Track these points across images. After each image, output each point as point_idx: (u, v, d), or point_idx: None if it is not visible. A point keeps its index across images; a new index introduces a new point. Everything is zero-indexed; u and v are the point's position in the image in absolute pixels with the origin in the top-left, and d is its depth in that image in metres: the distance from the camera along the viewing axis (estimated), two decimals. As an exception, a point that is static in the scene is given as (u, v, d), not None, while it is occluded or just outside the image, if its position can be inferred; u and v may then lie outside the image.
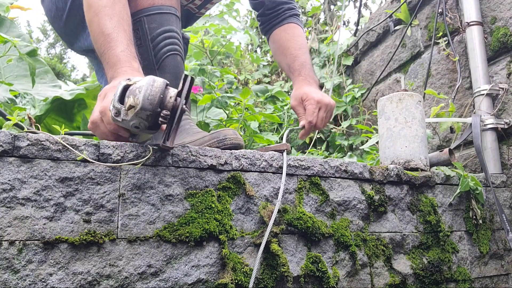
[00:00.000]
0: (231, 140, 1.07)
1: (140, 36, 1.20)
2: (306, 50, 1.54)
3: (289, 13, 1.59)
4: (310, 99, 1.36)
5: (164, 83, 0.82)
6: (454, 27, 1.72)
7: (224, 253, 0.89)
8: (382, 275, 1.09)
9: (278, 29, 1.57)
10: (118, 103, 0.84)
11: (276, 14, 1.59)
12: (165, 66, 1.19)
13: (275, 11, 1.58)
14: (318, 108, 1.36)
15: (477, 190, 1.29)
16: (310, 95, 1.37)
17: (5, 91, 1.53)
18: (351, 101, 2.39)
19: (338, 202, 1.08)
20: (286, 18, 1.58)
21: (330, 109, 1.39)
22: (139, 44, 1.20)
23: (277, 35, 1.57)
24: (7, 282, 0.72)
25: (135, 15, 1.21)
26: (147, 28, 1.19)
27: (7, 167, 0.76)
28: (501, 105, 1.50)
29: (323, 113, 1.37)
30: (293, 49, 1.51)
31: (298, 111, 1.42)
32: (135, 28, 1.20)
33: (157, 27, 1.20)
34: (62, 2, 1.44)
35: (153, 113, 0.81)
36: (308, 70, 1.46)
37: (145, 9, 1.20)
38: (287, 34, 1.55)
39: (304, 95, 1.38)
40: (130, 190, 0.85)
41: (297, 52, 1.50)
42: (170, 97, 0.82)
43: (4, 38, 1.30)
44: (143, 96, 0.80)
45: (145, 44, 1.20)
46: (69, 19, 1.44)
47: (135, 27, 1.20)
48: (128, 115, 0.83)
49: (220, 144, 1.06)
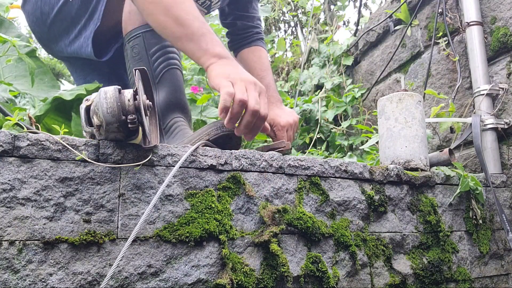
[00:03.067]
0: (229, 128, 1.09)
1: (139, 51, 1.24)
2: (270, 72, 1.72)
3: (256, 37, 1.78)
4: (276, 125, 1.50)
5: (115, 90, 0.79)
6: (454, 27, 1.72)
7: (224, 253, 0.89)
8: (382, 275, 1.09)
9: (246, 50, 1.76)
10: (88, 127, 0.83)
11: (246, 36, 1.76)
12: (164, 80, 1.23)
13: (246, 33, 1.76)
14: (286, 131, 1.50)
15: (477, 190, 1.29)
16: (276, 120, 1.50)
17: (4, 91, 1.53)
18: (351, 101, 2.39)
19: (338, 202, 1.07)
20: (254, 41, 1.76)
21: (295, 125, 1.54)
22: (139, 59, 1.24)
23: (245, 55, 1.75)
24: (7, 282, 0.72)
25: (134, 31, 1.26)
26: (145, 44, 1.24)
27: (7, 167, 0.76)
28: (501, 105, 1.50)
29: (290, 132, 1.52)
30: (259, 70, 1.68)
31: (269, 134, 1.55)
32: (134, 44, 1.25)
33: (156, 43, 1.23)
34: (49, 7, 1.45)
35: (120, 123, 0.79)
36: (272, 91, 1.61)
37: (144, 25, 1.24)
38: (254, 56, 1.74)
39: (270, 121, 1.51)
40: (130, 190, 0.85)
41: (262, 74, 1.66)
42: (128, 100, 0.80)
43: (3, 38, 1.30)
44: (102, 111, 0.78)
45: (144, 59, 1.24)
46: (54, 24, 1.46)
47: (134, 43, 1.25)
48: (102, 134, 0.82)
49: (218, 130, 1.08)
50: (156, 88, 1.24)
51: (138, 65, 1.23)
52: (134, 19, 1.25)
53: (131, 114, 0.79)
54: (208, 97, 1.94)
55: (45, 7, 1.46)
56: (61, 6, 1.41)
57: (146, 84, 0.88)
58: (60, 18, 1.43)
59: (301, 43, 3.74)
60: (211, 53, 1.08)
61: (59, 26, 1.45)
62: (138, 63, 1.24)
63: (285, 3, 3.86)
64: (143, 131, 0.83)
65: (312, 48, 3.04)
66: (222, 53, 1.09)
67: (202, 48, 1.09)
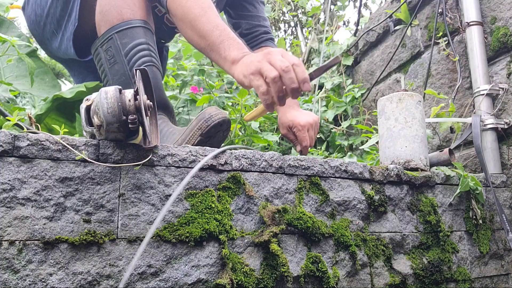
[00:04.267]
0: (217, 116, 1.10)
1: (113, 53, 1.22)
2: None
3: (265, 37, 1.70)
4: (296, 125, 1.47)
5: (116, 90, 0.79)
6: (454, 27, 1.72)
7: (224, 253, 0.89)
8: (382, 275, 1.09)
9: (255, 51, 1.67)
10: (88, 127, 0.83)
11: (253, 36, 1.69)
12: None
13: (252, 32, 1.68)
14: (307, 131, 1.47)
15: (477, 190, 1.29)
16: (296, 121, 1.47)
17: (5, 91, 1.53)
18: (351, 101, 2.39)
19: (338, 202, 1.08)
20: (263, 42, 1.68)
21: (316, 125, 1.51)
22: (114, 62, 1.22)
23: None
24: (7, 282, 0.72)
25: (106, 33, 1.23)
26: (119, 44, 1.21)
27: (7, 167, 0.76)
28: (501, 105, 1.50)
29: (312, 132, 1.49)
30: None
31: (289, 138, 1.54)
32: (108, 47, 1.22)
33: (128, 42, 1.21)
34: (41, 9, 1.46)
35: (121, 123, 0.79)
36: None
37: (115, 26, 1.22)
38: None
39: (290, 123, 1.49)
40: (130, 190, 0.85)
41: None
42: (129, 100, 0.80)
43: (3, 38, 1.30)
44: (103, 111, 0.78)
45: (119, 60, 1.21)
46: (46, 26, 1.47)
47: (107, 46, 1.22)
48: (102, 134, 0.82)
49: (208, 122, 1.08)
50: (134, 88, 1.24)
51: (113, 68, 1.22)
52: (105, 19, 1.23)
53: (132, 114, 0.80)
54: (208, 97, 1.94)
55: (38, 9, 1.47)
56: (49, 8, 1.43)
57: (146, 84, 0.88)
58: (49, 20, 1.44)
59: (301, 43, 3.74)
60: (229, 60, 1.11)
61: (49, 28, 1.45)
62: (112, 66, 1.22)
63: (285, 3, 3.86)
64: (144, 131, 0.83)
65: (312, 48, 3.04)
66: (237, 56, 1.11)
67: (222, 56, 1.13)
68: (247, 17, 1.70)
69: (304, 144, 1.49)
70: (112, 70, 1.22)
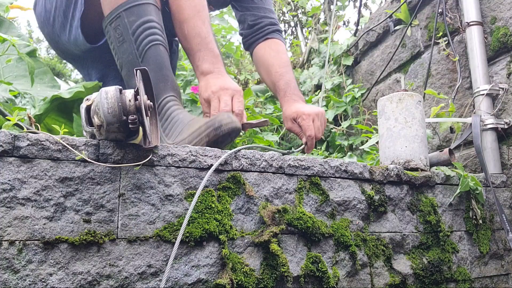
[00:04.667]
0: (227, 125, 1.05)
1: (121, 31, 1.20)
2: (290, 68, 1.58)
3: (272, 28, 1.64)
4: (301, 115, 1.42)
5: (116, 90, 0.79)
6: (454, 27, 1.72)
7: (224, 253, 0.89)
8: (382, 275, 1.09)
9: (262, 44, 1.63)
10: (88, 127, 0.83)
11: (258, 28, 1.64)
12: (148, 58, 1.19)
13: (257, 24, 1.64)
14: (312, 120, 1.41)
15: (477, 190, 1.29)
16: (300, 111, 1.42)
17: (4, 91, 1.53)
18: (351, 101, 2.39)
19: (338, 202, 1.07)
20: (270, 33, 1.63)
21: (322, 116, 1.45)
22: (123, 40, 1.20)
23: (261, 50, 1.63)
24: (7, 282, 0.72)
25: (114, 11, 1.22)
26: (127, 22, 1.20)
27: (7, 167, 0.76)
28: (501, 105, 1.50)
29: (318, 123, 1.43)
30: (278, 67, 1.55)
31: (294, 130, 1.48)
32: (117, 25, 1.21)
33: (136, 20, 1.20)
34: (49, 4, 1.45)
35: (121, 123, 0.79)
36: (293, 89, 1.52)
37: (123, 4, 1.21)
38: (271, 50, 1.61)
39: (294, 114, 1.44)
40: (130, 190, 0.85)
41: (281, 70, 1.55)
42: (129, 100, 0.80)
43: (3, 38, 1.30)
44: (103, 111, 0.78)
45: (127, 38, 1.20)
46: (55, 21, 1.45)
47: (116, 24, 1.21)
48: (102, 134, 0.82)
49: (217, 131, 1.05)
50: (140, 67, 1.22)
51: (122, 46, 1.21)
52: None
53: (132, 114, 0.80)
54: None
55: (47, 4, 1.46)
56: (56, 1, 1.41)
57: (147, 84, 0.88)
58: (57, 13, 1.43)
59: (301, 43, 3.74)
60: (199, 70, 1.21)
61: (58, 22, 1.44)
62: (121, 45, 1.21)
63: (285, 3, 3.86)
64: (144, 131, 0.83)
65: (312, 48, 3.04)
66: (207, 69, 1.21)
67: (195, 64, 1.22)
68: (252, 9, 1.66)
69: (309, 133, 1.40)
70: (121, 49, 1.21)
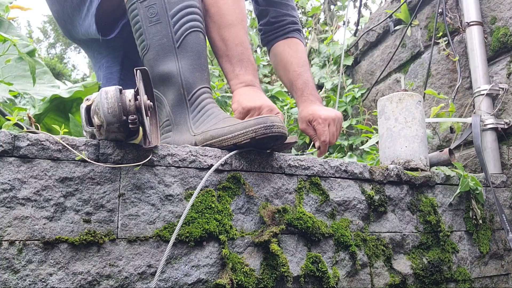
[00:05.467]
0: (279, 129, 0.97)
1: (157, 11, 1.13)
2: (308, 68, 1.55)
3: (293, 27, 1.60)
4: (316, 118, 1.37)
5: (116, 90, 0.79)
6: (454, 27, 1.72)
7: (224, 253, 0.89)
8: (382, 275, 1.09)
9: (281, 42, 1.59)
10: (88, 127, 0.83)
11: (280, 25, 1.59)
12: (187, 45, 1.13)
13: (280, 21, 1.59)
14: (327, 125, 1.37)
15: (477, 190, 1.29)
16: (316, 114, 1.38)
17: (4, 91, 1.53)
18: (351, 101, 2.39)
19: (338, 202, 1.07)
20: (290, 32, 1.59)
21: (338, 121, 1.40)
22: (156, 21, 1.13)
23: (280, 48, 1.58)
24: (7, 282, 0.72)
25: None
26: (166, 2, 1.13)
27: (7, 167, 0.76)
28: (501, 105, 1.50)
29: (333, 128, 1.38)
30: (296, 66, 1.52)
31: (308, 133, 1.44)
32: (151, 4, 1.13)
33: (177, 2, 1.13)
34: None
35: (121, 123, 0.79)
36: (310, 89, 1.48)
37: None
38: (290, 49, 1.57)
39: (310, 117, 1.40)
40: (130, 190, 0.85)
41: (300, 70, 1.51)
42: (129, 100, 0.80)
43: (3, 37, 1.30)
44: (103, 112, 0.78)
45: (164, 20, 1.12)
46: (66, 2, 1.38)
47: (150, 1, 1.13)
48: (102, 134, 0.82)
49: (267, 130, 0.95)
50: (177, 53, 1.12)
51: (153, 27, 1.13)
52: None
53: (132, 114, 0.79)
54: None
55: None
56: None
57: (147, 84, 0.88)
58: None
59: (301, 43, 3.73)
60: (240, 80, 1.19)
61: (71, 4, 1.37)
62: (154, 25, 1.13)
63: (285, 3, 3.85)
64: (144, 131, 0.83)
65: (312, 48, 3.04)
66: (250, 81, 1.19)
67: (235, 72, 1.19)
68: (275, 4, 1.59)
69: (323, 139, 1.36)
70: (151, 29, 1.13)
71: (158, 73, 1.12)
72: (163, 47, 1.12)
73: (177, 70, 1.11)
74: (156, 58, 1.13)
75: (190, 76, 1.12)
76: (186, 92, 1.11)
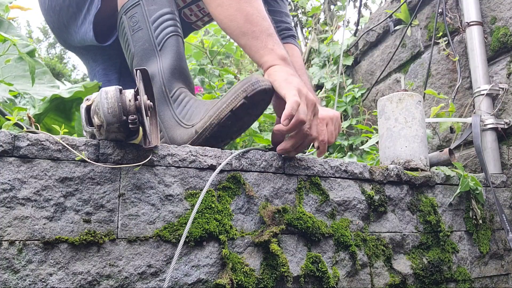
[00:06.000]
0: (264, 82, 1.01)
1: (138, 19, 1.19)
2: (305, 71, 1.57)
3: (287, 33, 1.63)
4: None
5: (116, 90, 0.79)
6: (454, 27, 1.72)
7: (224, 253, 0.89)
8: (382, 275, 1.09)
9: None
10: (88, 127, 0.83)
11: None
12: (168, 47, 1.19)
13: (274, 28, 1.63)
14: (325, 124, 1.36)
15: (477, 190, 1.29)
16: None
17: (4, 91, 1.53)
18: (351, 101, 2.40)
19: (338, 202, 1.07)
20: (285, 38, 1.62)
21: (337, 120, 1.40)
22: (138, 28, 1.20)
23: None
24: (7, 282, 0.72)
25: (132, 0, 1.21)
26: (146, 10, 1.19)
27: (7, 167, 0.76)
28: (501, 105, 1.50)
29: (332, 127, 1.38)
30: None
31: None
32: (133, 14, 1.20)
33: (156, 9, 1.19)
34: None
35: (121, 123, 0.79)
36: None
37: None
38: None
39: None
40: (130, 190, 0.85)
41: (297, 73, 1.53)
42: (129, 100, 0.80)
43: (4, 37, 1.30)
44: (103, 112, 0.78)
45: (144, 26, 1.19)
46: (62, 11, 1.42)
47: (132, 12, 1.20)
48: (102, 134, 0.82)
49: (255, 86, 1.00)
50: (159, 55, 1.19)
51: (136, 34, 1.20)
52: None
53: (132, 114, 0.79)
54: (210, 97, 1.94)
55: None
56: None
57: (147, 84, 0.88)
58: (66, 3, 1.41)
59: (301, 43, 3.74)
60: (277, 54, 1.09)
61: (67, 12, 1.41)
62: (136, 33, 1.20)
63: (285, 3, 3.85)
64: (144, 131, 0.83)
65: (312, 48, 3.04)
66: (287, 58, 1.10)
67: (267, 47, 1.10)
68: (270, 11, 1.61)
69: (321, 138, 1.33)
70: (135, 37, 1.20)
71: None
72: (146, 51, 1.18)
73: (159, 70, 1.16)
74: (141, 63, 1.19)
75: (170, 75, 1.17)
76: (167, 90, 1.15)
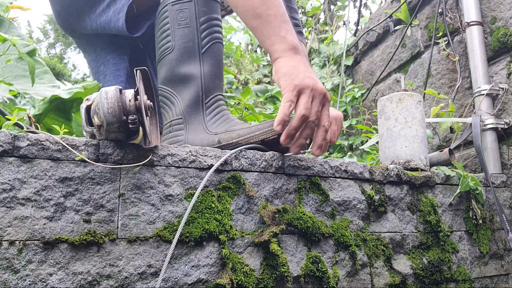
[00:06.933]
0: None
1: (188, 16, 1.17)
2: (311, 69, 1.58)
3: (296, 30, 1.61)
4: None
5: (116, 90, 0.79)
6: (454, 27, 1.72)
7: (224, 253, 0.89)
8: (382, 275, 1.09)
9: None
10: (88, 127, 0.83)
11: None
12: (211, 52, 1.19)
13: None
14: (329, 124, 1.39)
15: (477, 190, 1.29)
16: None
17: (4, 91, 1.53)
18: (351, 101, 2.40)
19: (338, 202, 1.07)
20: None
21: (339, 120, 1.41)
22: (185, 24, 1.18)
23: None
24: (7, 282, 0.72)
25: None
26: (197, 10, 1.18)
27: (7, 167, 0.76)
28: (501, 105, 1.50)
29: (334, 127, 1.38)
30: None
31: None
32: (182, 8, 1.18)
33: (208, 12, 1.18)
34: None
35: (121, 123, 0.79)
36: None
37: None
38: None
39: None
40: (130, 190, 0.85)
41: None
42: (129, 100, 0.80)
43: (3, 37, 1.30)
44: (103, 111, 0.78)
45: (192, 25, 1.17)
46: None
47: (182, 6, 1.18)
48: (102, 134, 0.82)
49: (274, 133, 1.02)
50: (201, 58, 1.18)
51: (181, 30, 1.18)
52: None
53: (132, 114, 0.79)
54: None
55: None
56: None
57: (146, 84, 0.88)
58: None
59: (301, 43, 3.73)
60: (288, 43, 1.05)
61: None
62: (182, 28, 1.18)
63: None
64: (144, 131, 0.83)
65: (312, 48, 3.04)
66: (298, 48, 1.07)
67: (280, 34, 1.06)
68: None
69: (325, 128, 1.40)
70: (179, 32, 1.18)
71: (179, 73, 1.15)
72: (188, 49, 1.16)
73: (200, 74, 1.15)
74: (180, 59, 1.17)
75: (210, 81, 1.17)
76: (204, 95, 1.15)
